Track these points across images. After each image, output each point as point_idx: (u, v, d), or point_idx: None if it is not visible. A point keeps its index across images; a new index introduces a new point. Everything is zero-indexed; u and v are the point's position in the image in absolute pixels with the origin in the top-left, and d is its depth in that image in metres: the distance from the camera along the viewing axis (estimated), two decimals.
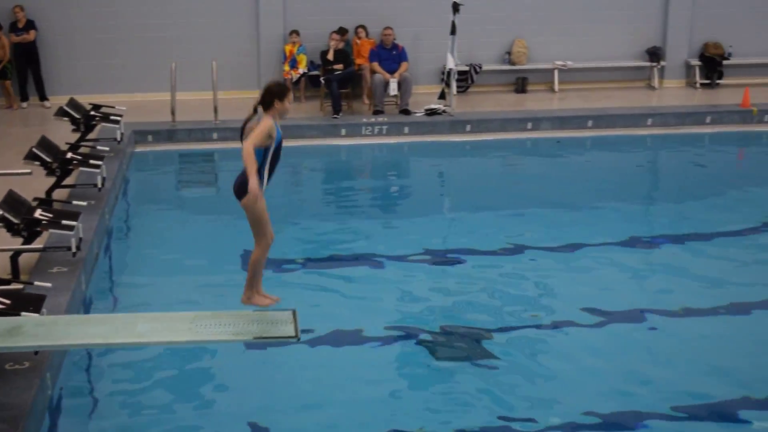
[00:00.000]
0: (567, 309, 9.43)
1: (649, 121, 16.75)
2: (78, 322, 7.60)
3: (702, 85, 18.87)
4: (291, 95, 7.61)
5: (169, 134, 15.55)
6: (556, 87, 18.55)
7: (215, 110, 15.67)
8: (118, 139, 13.98)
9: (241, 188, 7.37)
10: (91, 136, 13.93)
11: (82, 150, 12.81)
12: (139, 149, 15.21)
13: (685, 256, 11.00)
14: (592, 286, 10.12)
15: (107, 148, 13.10)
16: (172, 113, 15.62)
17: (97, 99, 15.02)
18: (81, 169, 11.90)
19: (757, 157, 16.28)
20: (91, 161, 11.88)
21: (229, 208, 13.14)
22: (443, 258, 10.92)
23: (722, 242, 11.41)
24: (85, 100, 14.50)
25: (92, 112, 13.87)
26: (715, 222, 12.15)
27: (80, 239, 9.71)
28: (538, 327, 9.09)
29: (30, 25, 16.78)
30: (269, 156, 7.41)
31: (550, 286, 10.06)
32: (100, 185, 11.76)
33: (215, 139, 15.54)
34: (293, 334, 6.64)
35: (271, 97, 7.46)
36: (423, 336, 8.91)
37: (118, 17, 17.37)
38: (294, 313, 6.82)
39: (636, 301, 9.69)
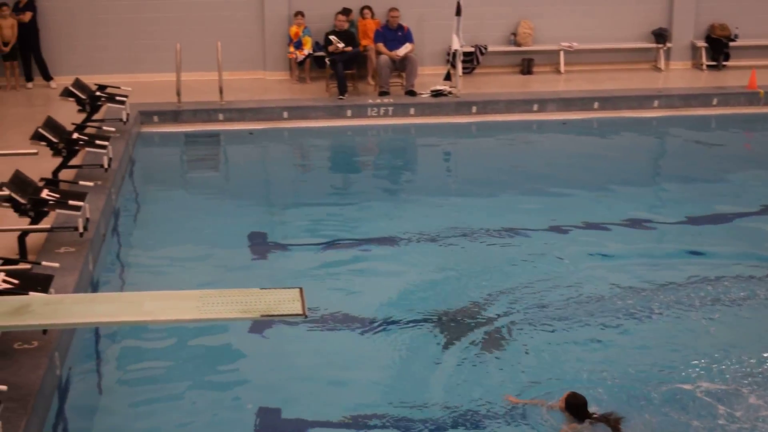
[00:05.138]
0: (571, 292, 9.49)
1: (656, 103, 16.67)
2: (85, 300, 7.61)
3: (708, 66, 18.74)
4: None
5: (175, 115, 15.50)
6: (562, 68, 18.46)
7: (220, 91, 15.63)
8: (124, 119, 13.93)
9: None
10: (96, 116, 13.88)
11: (88, 130, 12.77)
12: (144, 130, 15.17)
13: (688, 239, 11.04)
14: (598, 266, 10.18)
15: (113, 129, 13.08)
16: (178, 94, 15.57)
17: (100, 79, 14.89)
18: (87, 149, 11.85)
19: (764, 139, 16.23)
20: (97, 141, 11.87)
21: (233, 189, 13.25)
22: (449, 239, 10.92)
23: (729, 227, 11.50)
24: (88, 80, 14.39)
25: (98, 93, 13.81)
26: (721, 204, 12.17)
27: (87, 219, 9.71)
28: (543, 307, 9.13)
29: (30, 5, 16.67)
30: None
31: (558, 267, 10.09)
32: (106, 166, 11.74)
33: (221, 120, 15.51)
34: (300, 311, 6.63)
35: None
36: (431, 317, 8.92)
37: None
38: (301, 291, 6.81)
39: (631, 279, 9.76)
